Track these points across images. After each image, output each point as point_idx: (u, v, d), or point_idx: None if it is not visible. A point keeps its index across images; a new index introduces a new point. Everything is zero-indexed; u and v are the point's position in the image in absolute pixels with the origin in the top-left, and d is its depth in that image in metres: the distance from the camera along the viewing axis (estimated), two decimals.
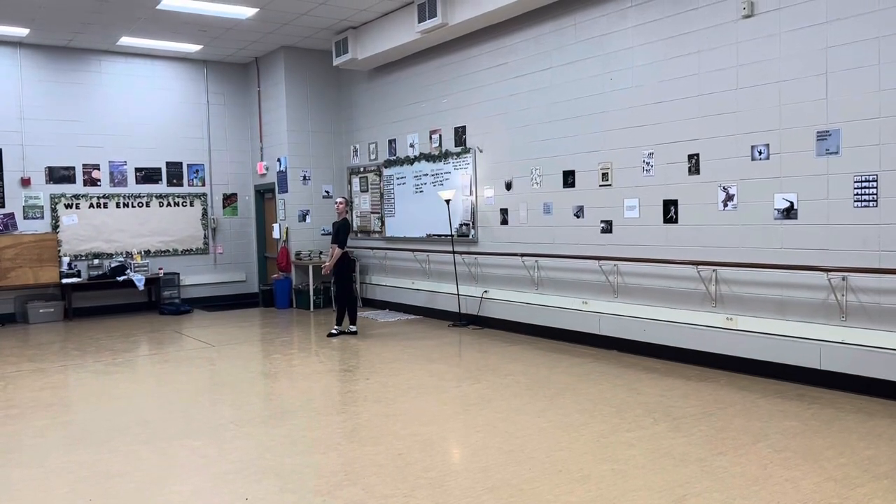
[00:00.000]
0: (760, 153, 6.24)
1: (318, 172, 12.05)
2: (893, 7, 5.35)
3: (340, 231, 8.98)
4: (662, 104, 7.02)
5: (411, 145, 10.62)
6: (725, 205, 6.53)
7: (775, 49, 6.09)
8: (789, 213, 6.06)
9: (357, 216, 12.04)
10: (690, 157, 6.80)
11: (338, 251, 8.90)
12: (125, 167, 11.71)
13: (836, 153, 5.72)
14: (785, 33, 6.02)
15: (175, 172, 12.17)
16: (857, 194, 5.60)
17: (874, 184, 5.50)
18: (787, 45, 6.01)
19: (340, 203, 9.19)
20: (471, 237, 9.53)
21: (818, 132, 5.83)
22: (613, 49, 7.48)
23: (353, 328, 9.08)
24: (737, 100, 6.40)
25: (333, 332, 9.01)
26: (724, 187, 6.54)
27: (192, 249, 12.34)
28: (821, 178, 5.83)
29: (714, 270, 6.65)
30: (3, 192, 10.74)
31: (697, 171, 6.75)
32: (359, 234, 11.96)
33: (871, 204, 5.53)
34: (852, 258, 5.65)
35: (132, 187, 11.77)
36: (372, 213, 11.67)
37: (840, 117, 5.69)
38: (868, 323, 5.60)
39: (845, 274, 5.69)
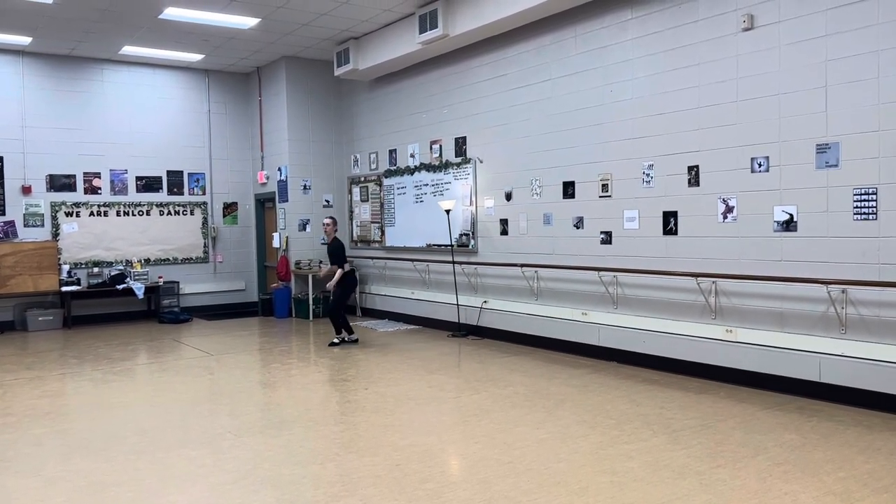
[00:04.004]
0: (760, 165, 6.25)
1: (318, 182, 12.06)
2: (892, 21, 5.38)
3: (337, 252, 8.91)
4: (662, 116, 7.04)
5: (412, 155, 10.64)
6: (725, 217, 6.54)
7: (775, 62, 6.12)
8: (789, 225, 6.06)
9: (357, 226, 12.05)
10: (690, 168, 6.81)
11: (339, 272, 8.84)
12: (126, 175, 11.73)
13: (836, 166, 5.73)
14: (785, 46, 6.05)
15: (176, 181, 12.19)
16: (857, 207, 5.61)
17: (874, 197, 5.51)
18: (787, 58, 6.03)
19: (328, 224, 9.10)
20: (470, 247, 9.53)
21: (818, 145, 5.84)
22: (614, 61, 7.51)
23: (344, 336, 9.04)
24: (737, 112, 6.42)
25: (335, 340, 9.00)
26: (723, 199, 6.54)
27: (191, 258, 12.34)
28: (820, 191, 5.84)
29: (714, 282, 6.65)
30: (3, 200, 10.76)
31: (697, 183, 6.76)
32: (359, 244, 11.97)
33: (870, 217, 5.53)
34: (852, 271, 5.65)
35: (133, 196, 11.79)
36: (372, 222, 11.68)
37: (839, 130, 5.70)
38: (868, 336, 5.59)
39: (845, 286, 5.69)
